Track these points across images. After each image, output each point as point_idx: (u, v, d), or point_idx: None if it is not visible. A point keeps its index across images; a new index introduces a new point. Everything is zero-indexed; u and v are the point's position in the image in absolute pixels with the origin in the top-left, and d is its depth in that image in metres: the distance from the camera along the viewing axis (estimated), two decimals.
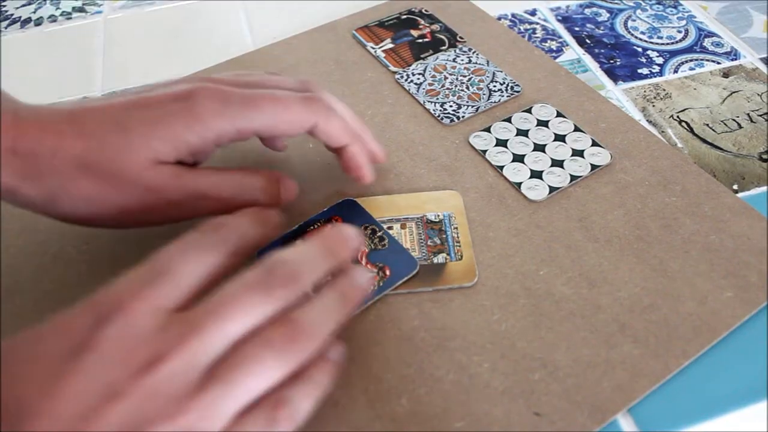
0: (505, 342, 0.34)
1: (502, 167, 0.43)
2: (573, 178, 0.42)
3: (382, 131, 0.46)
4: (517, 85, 0.49)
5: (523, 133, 0.45)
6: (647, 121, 0.47)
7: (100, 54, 0.56)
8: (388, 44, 0.53)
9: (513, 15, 0.57)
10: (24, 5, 0.62)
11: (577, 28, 0.56)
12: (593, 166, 0.43)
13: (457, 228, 0.39)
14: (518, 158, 0.43)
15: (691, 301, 0.36)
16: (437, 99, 0.48)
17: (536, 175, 0.42)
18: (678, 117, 0.47)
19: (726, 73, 0.51)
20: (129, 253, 0.39)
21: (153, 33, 0.58)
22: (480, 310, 0.36)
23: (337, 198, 0.41)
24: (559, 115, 0.46)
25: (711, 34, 0.55)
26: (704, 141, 0.46)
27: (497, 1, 0.58)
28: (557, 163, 0.43)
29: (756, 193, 0.42)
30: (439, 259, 0.38)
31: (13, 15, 0.61)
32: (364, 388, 0.33)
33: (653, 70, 0.51)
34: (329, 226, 0.35)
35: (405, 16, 0.56)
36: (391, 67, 0.51)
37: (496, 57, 0.51)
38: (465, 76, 0.50)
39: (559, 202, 0.41)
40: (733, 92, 0.49)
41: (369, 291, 0.34)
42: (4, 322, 0.36)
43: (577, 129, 0.45)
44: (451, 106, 0.47)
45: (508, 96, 0.48)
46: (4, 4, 0.63)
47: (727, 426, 0.32)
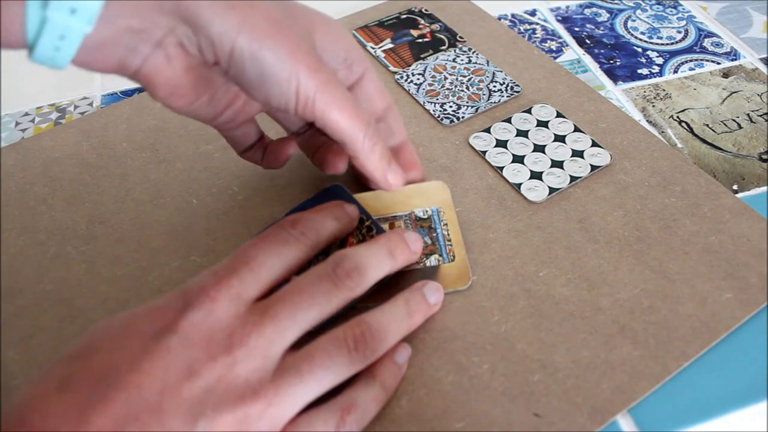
0: (505, 343, 0.34)
1: (501, 168, 0.43)
2: (573, 178, 0.42)
3: None
4: (517, 86, 0.49)
5: (523, 133, 0.45)
6: (647, 121, 0.47)
7: None
8: (388, 44, 0.53)
9: (513, 15, 0.57)
10: None
11: (576, 29, 0.56)
12: (593, 167, 0.43)
13: (446, 224, 0.39)
14: (518, 159, 0.43)
15: (690, 303, 0.36)
16: (437, 99, 0.48)
17: (536, 176, 0.42)
18: (678, 117, 0.48)
19: (726, 74, 0.51)
20: (129, 253, 0.39)
21: None
22: (480, 311, 0.36)
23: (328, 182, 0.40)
24: (559, 115, 0.46)
25: (711, 35, 0.55)
26: (704, 141, 0.46)
27: (497, 1, 0.58)
28: (557, 164, 0.43)
29: (756, 194, 0.42)
30: (432, 261, 0.37)
31: None
32: None
33: (653, 71, 0.51)
34: (394, 230, 0.35)
35: (405, 16, 0.56)
36: (391, 68, 0.51)
37: (496, 57, 0.51)
38: (465, 77, 0.50)
39: (558, 204, 0.41)
40: (733, 92, 0.49)
41: (436, 310, 0.35)
42: (4, 322, 0.36)
43: (577, 129, 0.45)
44: (450, 107, 0.47)
45: (508, 96, 0.48)
46: None
47: (727, 426, 0.32)
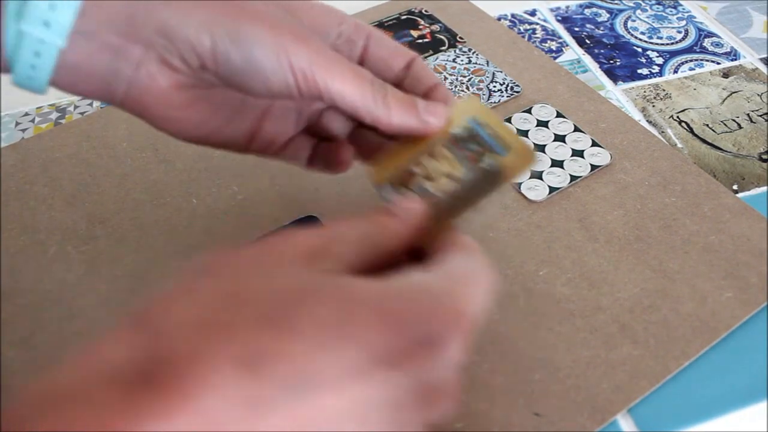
0: (506, 342, 0.34)
1: None
2: (573, 178, 0.42)
3: None
4: (517, 86, 0.49)
5: (522, 133, 0.45)
6: (647, 121, 0.47)
7: None
8: None
9: (513, 15, 0.57)
10: None
11: (576, 29, 0.56)
12: (593, 167, 0.43)
13: (489, 125, 0.32)
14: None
15: (690, 302, 0.36)
16: None
17: (536, 175, 0.42)
18: (678, 117, 0.48)
19: (726, 74, 0.51)
20: (129, 253, 0.39)
21: None
22: None
23: (298, 214, 0.40)
24: (559, 115, 0.46)
25: (711, 35, 0.55)
26: (704, 141, 0.46)
27: (497, 1, 0.58)
28: (557, 164, 0.43)
29: (756, 194, 0.42)
30: (486, 160, 0.30)
31: None
32: None
33: (653, 71, 0.51)
34: None
35: (405, 17, 0.56)
36: None
37: (496, 57, 0.51)
38: (465, 77, 0.50)
39: (559, 203, 0.41)
40: (733, 92, 0.49)
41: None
42: (4, 322, 0.36)
43: (576, 129, 0.45)
44: None
45: (507, 96, 0.48)
46: None
47: (727, 426, 0.32)
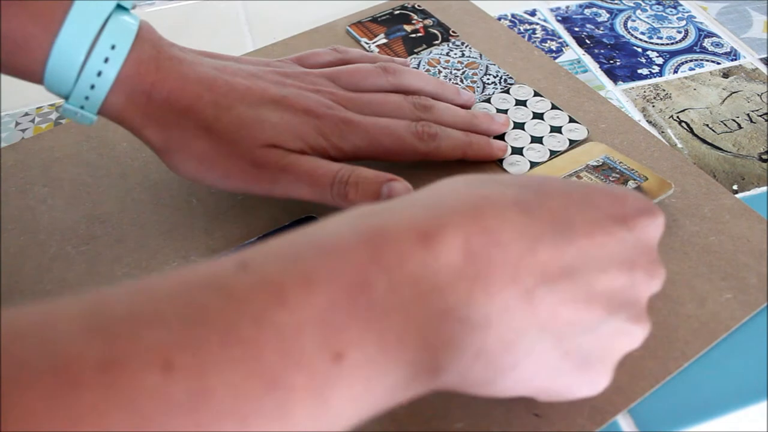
0: None
1: None
2: (552, 153, 0.44)
3: None
4: (511, 78, 0.49)
5: (502, 112, 0.47)
6: (647, 121, 0.47)
7: None
8: (382, 39, 0.53)
9: (513, 15, 0.57)
10: None
11: (576, 29, 0.56)
12: (571, 141, 0.44)
13: (621, 162, 0.42)
14: (498, 136, 0.45)
15: (690, 303, 0.36)
16: None
17: (517, 151, 0.44)
18: (678, 117, 0.48)
19: (726, 74, 0.51)
20: (129, 253, 0.39)
21: None
22: None
23: (298, 214, 0.40)
24: (537, 95, 0.48)
25: (711, 35, 0.55)
26: (704, 141, 0.46)
27: (497, 1, 0.58)
28: (536, 140, 0.45)
29: (756, 194, 0.42)
30: (631, 185, 0.40)
31: None
32: None
33: (653, 71, 0.51)
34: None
35: (398, 12, 0.56)
36: None
37: (496, 57, 0.51)
38: (459, 70, 0.50)
39: None
40: (733, 92, 0.49)
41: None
42: None
43: (554, 107, 0.47)
44: None
45: (501, 89, 0.48)
46: None
47: (727, 426, 0.32)
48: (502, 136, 0.45)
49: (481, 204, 0.25)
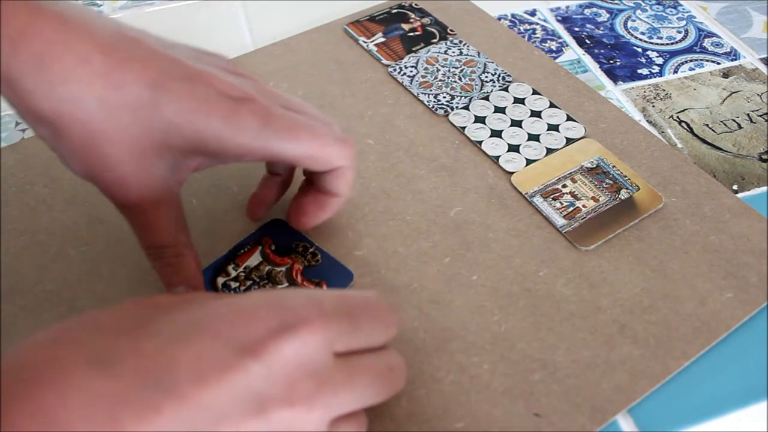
0: (505, 343, 0.34)
1: (480, 142, 0.45)
2: (549, 150, 0.44)
3: (382, 131, 0.46)
4: (509, 75, 0.49)
5: (500, 110, 0.47)
6: (647, 121, 0.47)
7: None
8: (380, 38, 0.53)
9: (513, 15, 0.57)
10: None
11: (576, 29, 0.56)
12: (568, 140, 0.44)
13: (615, 166, 0.42)
14: (496, 133, 0.45)
15: (690, 302, 0.36)
16: (430, 90, 0.48)
17: (513, 148, 0.44)
18: (678, 117, 0.47)
19: (726, 74, 0.51)
20: (129, 253, 0.39)
21: (153, 33, 0.58)
22: (480, 311, 0.36)
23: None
24: (535, 92, 0.48)
25: (711, 35, 0.55)
26: (704, 141, 0.46)
27: (497, 1, 0.58)
28: (533, 138, 0.45)
29: (756, 194, 0.42)
30: (623, 194, 0.41)
31: None
32: None
33: (653, 71, 0.51)
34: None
35: (396, 11, 0.56)
36: (384, 61, 0.51)
37: (496, 57, 0.51)
38: (457, 68, 0.50)
39: None
40: (733, 92, 0.49)
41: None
42: (4, 322, 0.36)
43: (552, 105, 0.47)
44: (444, 97, 0.48)
45: (500, 86, 0.48)
46: None
47: (727, 426, 0.32)
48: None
49: (37, 377, 0.20)
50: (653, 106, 0.48)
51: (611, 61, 0.52)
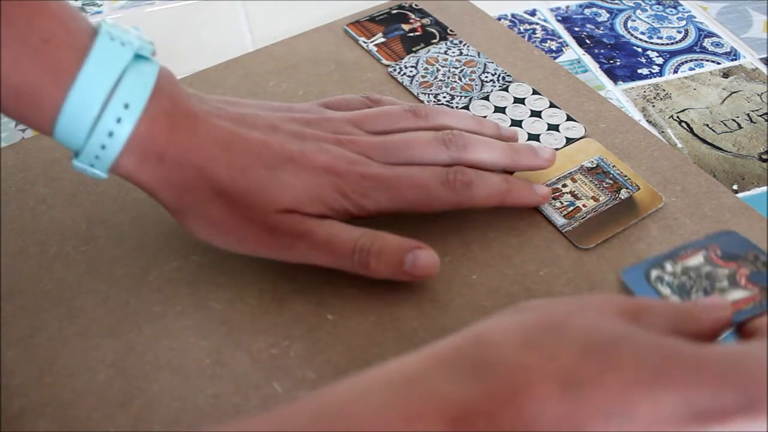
0: None
1: None
2: None
3: None
4: (509, 76, 0.49)
5: (500, 110, 0.47)
6: (647, 121, 0.47)
7: None
8: (380, 38, 0.53)
9: (513, 15, 0.57)
10: None
11: (576, 29, 0.56)
12: (568, 139, 0.45)
13: (615, 166, 0.42)
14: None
15: None
16: (431, 91, 0.49)
17: None
18: (678, 117, 0.48)
19: (726, 74, 0.51)
20: (129, 253, 0.39)
21: (153, 33, 0.58)
22: (480, 310, 0.36)
23: None
24: (535, 92, 0.48)
25: (711, 35, 0.55)
26: (704, 141, 0.46)
27: (497, 1, 0.58)
28: (533, 137, 0.45)
29: (756, 194, 0.42)
30: (623, 194, 0.41)
31: None
32: None
33: (653, 71, 0.51)
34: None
35: (396, 11, 0.56)
36: (384, 61, 0.51)
37: (496, 57, 0.51)
38: (457, 68, 0.50)
39: None
40: (733, 92, 0.49)
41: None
42: (4, 322, 0.36)
43: (552, 105, 0.47)
44: (444, 97, 0.48)
45: (500, 86, 0.48)
46: None
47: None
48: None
49: (522, 380, 0.22)
50: (653, 106, 0.48)
51: (611, 61, 0.52)
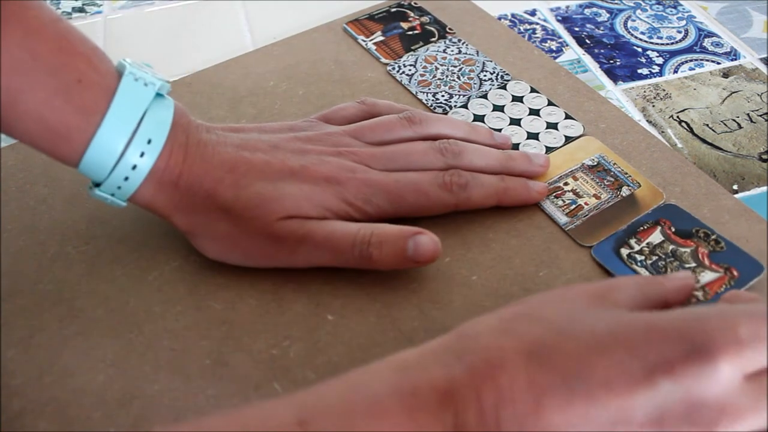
0: None
1: None
2: (548, 149, 0.44)
3: None
4: (507, 74, 0.49)
5: (498, 108, 0.47)
6: (647, 121, 0.47)
7: None
8: (379, 37, 0.53)
9: (513, 15, 0.57)
10: None
11: (576, 29, 0.56)
12: (567, 138, 0.44)
13: (615, 163, 0.42)
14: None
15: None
16: (429, 89, 0.49)
17: (513, 147, 0.44)
18: (678, 117, 0.47)
19: (726, 74, 0.51)
20: (129, 253, 0.39)
21: (153, 33, 0.58)
22: (480, 311, 0.35)
23: None
24: (533, 90, 0.48)
25: (711, 35, 0.55)
26: (704, 141, 0.46)
27: (497, 1, 0.58)
28: (533, 136, 0.45)
29: (756, 194, 0.42)
30: (624, 192, 0.41)
31: None
32: None
33: (653, 71, 0.51)
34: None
35: (395, 10, 0.56)
36: (382, 59, 0.51)
37: (496, 57, 0.51)
38: (455, 67, 0.50)
39: None
40: (733, 92, 0.49)
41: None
42: (4, 322, 0.36)
43: (550, 104, 0.47)
44: (443, 96, 0.48)
45: (498, 85, 0.48)
46: None
47: None
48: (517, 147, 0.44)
49: (495, 357, 0.25)
50: (653, 106, 0.48)
51: (611, 61, 0.52)
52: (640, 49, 0.53)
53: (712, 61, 0.52)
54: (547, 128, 0.45)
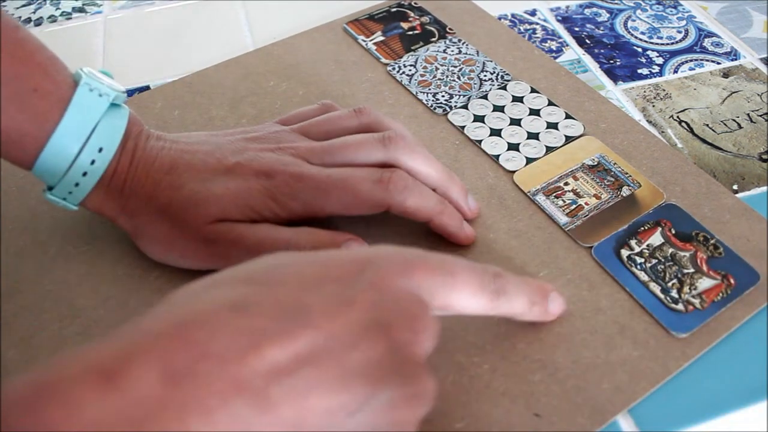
0: (506, 343, 0.34)
1: (480, 141, 0.45)
2: (549, 149, 0.44)
3: None
4: (507, 74, 0.49)
5: (499, 108, 0.47)
6: (647, 121, 0.47)
7: (99, 54, 0.56)
8: (379, 37, 0.54)
9: (513, 15, 0.57)
10: (24, 5, 0.62)
11: (576, 29, 0.56)
12: (567, 137, 0.45)
13: (616, 163, 0.42)
14: (495, 132, 0.45)
15: None
16: (429, 90, 0.49)
17: (513, 147, 0.44)
18: (678, 117, 0.47)
19: (726, 74, 0.51)
20: (129, 253, 0.39)
21: (153, 33, 0.58)
22: None
23: None
24: (533, 91, 0.48)
25: (711, 35, 0.55)
26: (704, 141, 0.46)
27: (497, 1, 0.58)
28: (533, 136, 0.45)
29: (756, 194, 0.42)
30: (625, 191, 0.41)
31: (13, 15, 0.61)
32: None
33: (653, 71, 0.51)
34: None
35: (395, 9, 0.56)
36: (383, 59, 0.51)
37: (496, 57, 0.51)
38: (456, 67, 0.50)
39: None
40: (733, 92, 0.49)
41: (546, 318, 0.35)
42: (4, 322, 0.36)
43: (551, 103, 0.47)
44: (443, 96, 0.48)
45: (498, 85, 0.48)
46: (4, 5, 0.63)
47: (727, 426, 0.32)
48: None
49: (186, 320, 0.24)
50: (653, 106, 0.48)
51: (611, 61, 0.52)
52: (640, 49, 0.53)
53: (712, 61, 0.52)
54: (548, 128, 0.45)
